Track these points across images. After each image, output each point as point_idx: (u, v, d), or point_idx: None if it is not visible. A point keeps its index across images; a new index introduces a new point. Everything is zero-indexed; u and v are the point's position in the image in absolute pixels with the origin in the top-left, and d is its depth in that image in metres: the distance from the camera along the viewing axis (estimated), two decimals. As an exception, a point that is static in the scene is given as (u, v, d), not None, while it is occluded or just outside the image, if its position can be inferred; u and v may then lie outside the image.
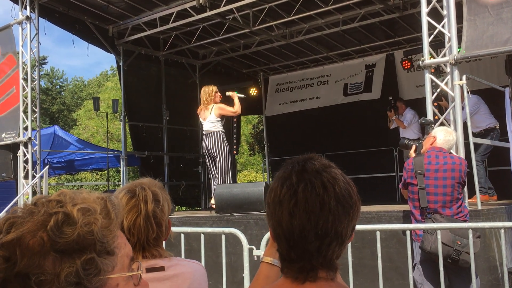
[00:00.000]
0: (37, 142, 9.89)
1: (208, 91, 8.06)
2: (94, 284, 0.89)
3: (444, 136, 4.77)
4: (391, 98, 10.70)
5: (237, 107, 8.03)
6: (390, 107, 10.15)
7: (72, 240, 0.86)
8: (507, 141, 7.00)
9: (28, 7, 9.86)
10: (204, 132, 8.11)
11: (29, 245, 0.85)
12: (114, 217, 0.96)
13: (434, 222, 4.43)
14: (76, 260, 0.86)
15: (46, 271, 0.84)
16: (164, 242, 2.06)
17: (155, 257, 1.91)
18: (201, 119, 8.18)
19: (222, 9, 9.72)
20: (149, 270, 1.81)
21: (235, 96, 8.12)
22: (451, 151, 5.22)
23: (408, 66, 10.98)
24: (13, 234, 0.85)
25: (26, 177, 9.81)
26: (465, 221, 4.57)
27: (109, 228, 0.93)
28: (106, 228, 0.92)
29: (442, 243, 4.23)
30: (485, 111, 8.16)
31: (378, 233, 4.34)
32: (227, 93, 8.26)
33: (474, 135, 8.01)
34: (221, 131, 7.99)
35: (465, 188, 5.69)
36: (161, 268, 1.87)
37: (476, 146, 7.58)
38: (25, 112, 9.96)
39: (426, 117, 6.09)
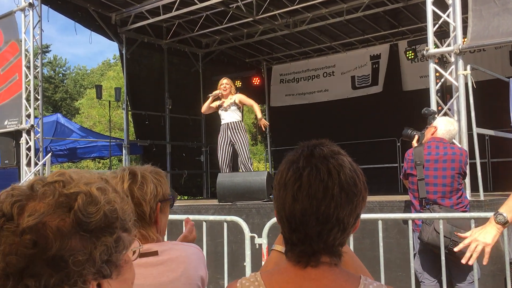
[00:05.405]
0: (39, 130, 9.90)
1: None
2: (118, 260, 0.91)
3: (445, 126, 4.74)
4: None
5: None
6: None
7: (99, 219, 0.86)
8: (511, 132, 6.94)
9: (30, -6, 9.81)
10: None
11: (58, 228, 0.82)
12: (123, 195, 0.96)
13: (431, 213, 4.43)
14: (107, 237, 0.87)
15: (80, 251, 0.83)
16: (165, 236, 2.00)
17: (146, 238, 1.84)
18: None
19: (225, -3, 9.69)
20: (142, 255, 1.77)
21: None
22: (455, 140, 5.19)
23: (412, 57, 10.89)
24: (35, 218, 0.82)
25: (28, 164, 9.82)
26: (465, 211, 4.55)
27: (124, 205, 0.94)
28: (123, 206, 0.93)
29: (439, 233, 4.23)
30: None
31: (380, 223, 4.33)
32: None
33: None
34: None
35: (468, 181, 5.66)
36: (155, 253, 1.82)
37: None
38: (27, 99, 9.96)
39: (429, 107, 6.05)
